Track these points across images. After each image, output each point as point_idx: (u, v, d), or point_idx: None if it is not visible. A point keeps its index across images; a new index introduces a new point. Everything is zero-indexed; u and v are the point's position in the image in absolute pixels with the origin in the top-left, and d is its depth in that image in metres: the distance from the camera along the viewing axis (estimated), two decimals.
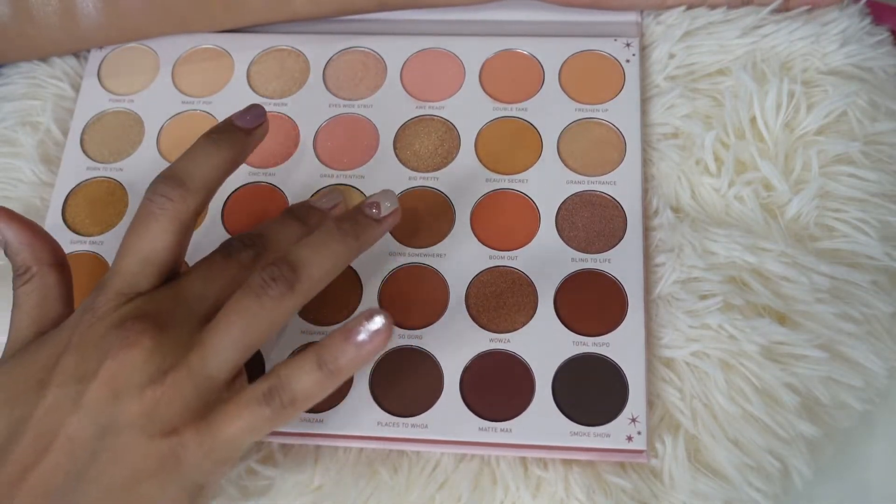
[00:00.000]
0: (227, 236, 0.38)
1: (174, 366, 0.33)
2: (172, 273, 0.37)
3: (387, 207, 0.38)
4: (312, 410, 0.38)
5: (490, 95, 0.47)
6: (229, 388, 0.34)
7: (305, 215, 0.40)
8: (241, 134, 0.38)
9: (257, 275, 0.34)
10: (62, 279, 0.38)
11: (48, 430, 0.33)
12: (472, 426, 0.39)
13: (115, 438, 0.32)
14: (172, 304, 0.35)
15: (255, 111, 0.39)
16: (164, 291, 0.36)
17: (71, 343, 0.34)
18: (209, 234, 0.44)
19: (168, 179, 0.36)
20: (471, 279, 0.42)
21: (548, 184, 0.44)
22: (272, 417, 0.33)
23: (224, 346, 0.34)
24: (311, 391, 0.33)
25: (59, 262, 0.38)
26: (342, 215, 0.37)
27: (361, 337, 0.33)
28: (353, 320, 0.33)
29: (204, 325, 0.35)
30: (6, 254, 0.38)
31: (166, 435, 0.33)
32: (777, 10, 0.46)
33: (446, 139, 0.46)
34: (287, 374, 0.33)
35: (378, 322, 0.32)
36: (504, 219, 0.43)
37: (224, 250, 0.37)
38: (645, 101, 0.46)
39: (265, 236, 0.38)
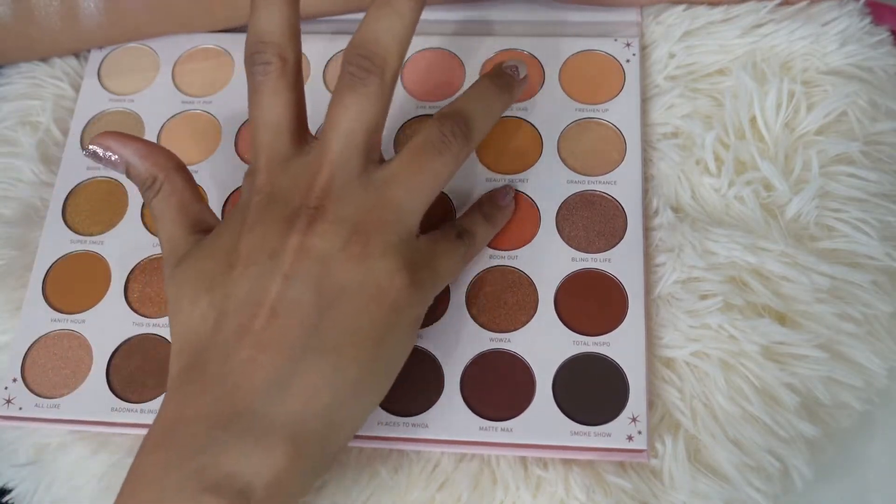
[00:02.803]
0: None
1: (370, 221, 0.35)
2: (305, 127, 0.38)
3: (522, 70, 0.42)
4: None
5: None
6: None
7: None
8: None
9: (436, 130, 0.37)
10: (188, 178, 0.38)
11: (259, 300, 0.33)
12: (472, 426, 0.39)
13: (336, 291, 0.33)
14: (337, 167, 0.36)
15: None
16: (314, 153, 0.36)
17: (246, 224, 0.35)
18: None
19: (258, 45, 0.37)
20: (471, 279, 0.42)
21: (548, 184, 0.44)
22: (466, 254, 0.40)
23: (412, 198, 0.36)
24: (484, 236, 0.41)
25: (180, 165, 0.39)
26: (493, 74, 0.41)
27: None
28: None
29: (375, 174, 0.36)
30: (129, 175, 0.38)
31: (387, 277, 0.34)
32: (779, 4, 0.46)
33: None
34: (465, 220, 0.41)
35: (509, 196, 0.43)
36: None
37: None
38: (645, 101, 0.46)
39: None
